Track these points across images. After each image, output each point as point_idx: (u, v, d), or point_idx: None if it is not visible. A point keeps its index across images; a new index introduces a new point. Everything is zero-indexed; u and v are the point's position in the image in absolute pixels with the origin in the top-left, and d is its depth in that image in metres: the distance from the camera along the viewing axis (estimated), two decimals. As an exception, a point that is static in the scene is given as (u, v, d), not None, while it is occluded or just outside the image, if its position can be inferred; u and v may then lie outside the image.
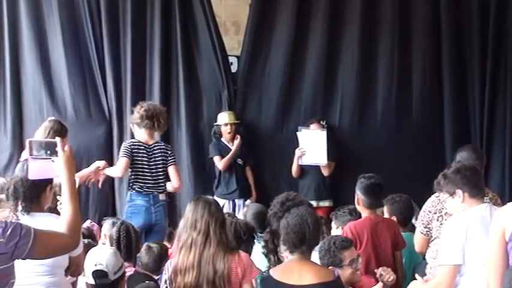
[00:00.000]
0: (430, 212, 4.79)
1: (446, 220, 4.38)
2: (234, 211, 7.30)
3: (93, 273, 3.56)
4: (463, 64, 8.10)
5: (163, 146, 6.29)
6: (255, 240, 4.66)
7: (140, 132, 6.19)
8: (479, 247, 3.83)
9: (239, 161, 7.68)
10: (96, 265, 3.56)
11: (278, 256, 4.34)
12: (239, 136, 7.62)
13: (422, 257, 5.21)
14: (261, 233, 4.64)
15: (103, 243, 5.36)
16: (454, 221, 4.04)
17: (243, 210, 6.02)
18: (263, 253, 4.63)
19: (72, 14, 7.68)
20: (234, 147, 7.56)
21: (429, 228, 4.81)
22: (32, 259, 2.96)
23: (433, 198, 4.76)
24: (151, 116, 6.13)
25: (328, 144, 7.41)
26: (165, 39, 7.72)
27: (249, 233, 4.61)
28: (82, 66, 7.74)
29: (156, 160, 6.16)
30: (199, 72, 7.88)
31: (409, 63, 8.06)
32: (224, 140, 7.68)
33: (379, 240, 4.95)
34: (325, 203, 7.58)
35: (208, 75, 7.87)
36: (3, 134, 7.75)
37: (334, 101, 7.99)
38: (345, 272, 4.11)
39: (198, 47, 7.84)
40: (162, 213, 6.17)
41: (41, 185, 3.93)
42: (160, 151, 6.19)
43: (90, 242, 4.74)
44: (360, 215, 5.11)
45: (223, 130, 7.66)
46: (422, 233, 4.87)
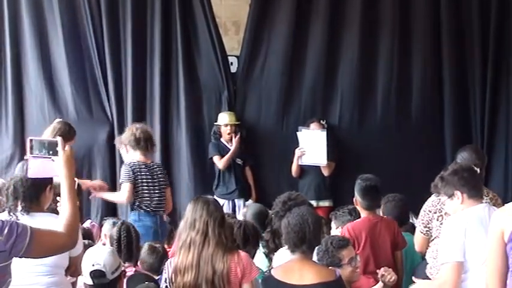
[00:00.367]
0: (430, 212, 4.80)
1: (446, 220, 4.38)
2: (234, 211, 7.30)
3: (91, 273, 3.56)
4: (464, 64, 8.06)
5: (161, 166, 6.31)
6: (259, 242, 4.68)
7: (135, 154, 6.06)
8: (478, 246, 3.84)
9: (238, 161, 7.68)
10: (93, 265, 3.55)
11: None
12: (238, 135, 7.60)
13: (421, 257, 5.24)
14: (262, 233, 4.65)
15: (103, 243, 5.37)
16: (453, 220, 4.05)
17: (243, 210, 6.02)
18: (264, 253, 4.64)
19: (73, 15, 7.69)
20: (233, 145, 7.55)
21: (429, 227, 4.81)
22: (30, 258, 2.97)
23: (433, 198, 4.76)
24: (146, 139, 6.06)
25: (328, 144, 7.40)
26: (165, 39, 7.73)
27: (257, 236, 4.61)
28: (83, 67, 7.75)
29: (160, 179, 6.11)
30: (199, 72, 7.88)
31: (409, 63, 8.03)
32: (223, 140, 7.68)
33: (378, 240, 4.96)
34: (325, 203, 7.57)
35: (208, 75, 7.87)
36: (4, 135, 7.75)
37: (334, 101, 7.97)
38: (345, 271, 4.12)
39: (198, 47, 7.84)
40: (166, 234, 6.12)
41: (41, 185, 3.95)
42: (160, 170, 6.17)
43: (90, 243, 4.75)
44: (360, 215, 5.12)
45: (223, 130, 7.65)
46: (422, 233, 4.88)
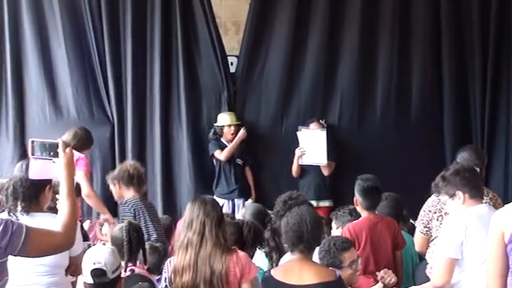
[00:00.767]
0: (430, 212, 4.81)
1: (446, 218, 4.38)
2: (234, 211, 7.30)
3: (91, 272, 3.55)
4: (464, 63, 8.03)
5: (153, 205, 6.06)
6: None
7: (129, 191, 5.67)
8: (477, 245, 3.85)
9: (238, 161, 7.67)
10: (94, 264, 3.55)
11: (280, 254, 4.35)
12: (243, 129, 7.58)
13: (417, 254, 5.25)
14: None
15: (103, 243, 5.36)
16: (454, 219, 4.06)
17: (241, 211, 6.01)
18: (264, 252, 4.64)
19: (73, 15, 7.68)
20: (237, 137, 7.54)
21: (429, 227, 4.82)
22: (26, 256, 2.99)
23: (433, 198, 4.77)
24: (139, 176, 5.86)
25: (328, 144, 7.40)
26: (165, 39, 7.71)
27: (261, 236, 4.62)
28: (84, 67, 7.74)
29: (155, 216, 5.75)
30: (199, 72, 7.86)
31: (409, 63, 7.99)
32: (224, 141, 7.67)
33: (378, 240, 4.95)
34: (325, 203, 7.55)
35: (208, 75, 7.85)
36: (4, 136, 7.74)
37: (333, 101, 7.95)
38: (345, 273, 4.09)
39: (198, 48, 7.82)
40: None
41: (40, 185, 3.96)
42: (154, 207, 5.89)
43: (90, 245, 4.73)
44: (360, 216, 5.12)
45: (226, 131, 7.64)
46: (422, 233, 4.89)
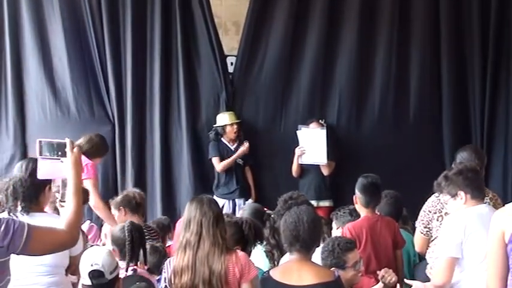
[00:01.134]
0: (430, 212, 4.81)
1: (447, 217, 4.38)
2: (234, 211, 7.30)
3: (89, 273, 3.55)
4: (463, 62, 8.01)
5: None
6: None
7: (133, 217, 5.55)
8: (477, 244, 3.85)
9: (239, 161, 7.65)
10: (92, 265, 3.55)
11: (281, 252, 4.35)
12: (247, 144, 7.59)
13: (415, 254, 5.25)
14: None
15: (103, 243, 5.36)
16: (454, 218, 4.06)
17: (240, 212, 6.00)
18: (264, 251, 4.64)
19: (73, 15, 7.68)
20: (239, 152, 7.55)
21: (429, 228, 4.82)
22: (29, 255, 2.99)
23: (433, 198, 4.78)
24: (143, 205, 5.94)
25: (328, 143, 7.40)
26: (165, 39, 7.71)
27: (261, 233, 4.62)
28: (84, 66, 7.74)
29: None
30: (198, 73, 7.86)
31: (408, 61, 7.98)
32: (225, 140, 7.67)
33: (378, 239, 4.96)
34: (325, 203, 7.55)
35: (207, 76, 7.84)
36: (4, 135, 7.74)
37: (332, 100, 7.94)
38: (347, 274, 4.10)
39: (197, 48, 7.82)
40: None
41: (40, 185, 3.96)
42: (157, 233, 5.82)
43: (91, 245, 4.73)
44: (360, 216, 5.11)
45: (228, 130, 7.62)
46: (422, 233, 4.89)
